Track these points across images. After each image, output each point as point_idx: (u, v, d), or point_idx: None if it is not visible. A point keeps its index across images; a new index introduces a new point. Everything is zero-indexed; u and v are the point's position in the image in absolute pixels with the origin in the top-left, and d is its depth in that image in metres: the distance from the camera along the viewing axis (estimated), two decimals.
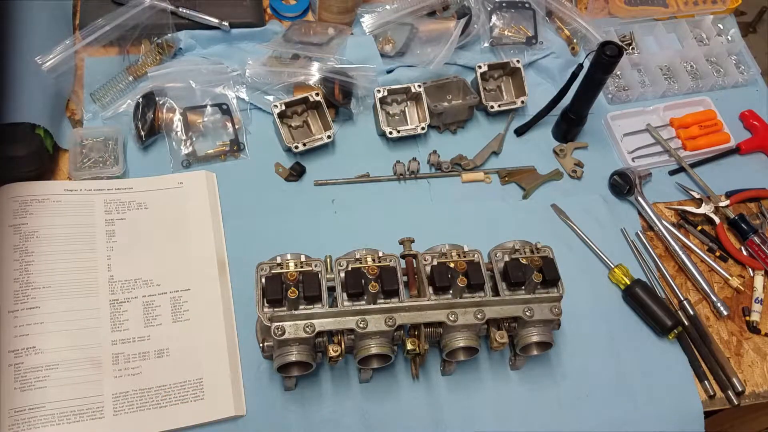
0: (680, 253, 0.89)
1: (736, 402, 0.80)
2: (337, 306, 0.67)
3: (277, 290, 0.67)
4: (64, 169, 0.86)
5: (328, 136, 0.90)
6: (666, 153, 1.00)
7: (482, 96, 0.97)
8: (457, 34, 0.99)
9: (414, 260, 0.73)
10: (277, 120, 0.88)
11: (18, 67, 0.84)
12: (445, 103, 0.96)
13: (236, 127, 0.91)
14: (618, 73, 1.07)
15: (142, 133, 0.87)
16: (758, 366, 0.84)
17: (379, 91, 0.93)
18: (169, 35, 0.96)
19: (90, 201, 0.82)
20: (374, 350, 0.68)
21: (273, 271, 0.69)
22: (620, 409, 0.78)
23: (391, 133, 0.92)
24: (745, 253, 0.92)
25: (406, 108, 0.97)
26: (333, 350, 0.67)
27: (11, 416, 0.67)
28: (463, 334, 0.70)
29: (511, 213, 0.91)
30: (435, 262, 0.72)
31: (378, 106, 0.93)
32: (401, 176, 0.92)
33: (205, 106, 0.91)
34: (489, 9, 1.06)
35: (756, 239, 0.91)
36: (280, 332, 0.65)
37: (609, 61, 0.84)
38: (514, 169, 0.95)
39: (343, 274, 0.69)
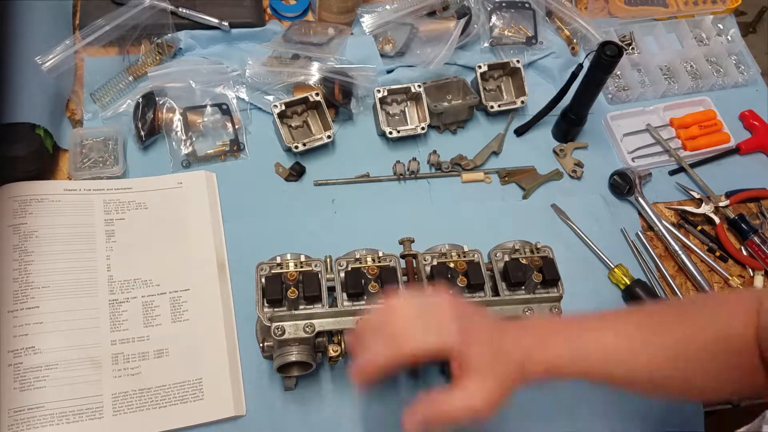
0: (680, 253, 0.89)
1: (736, 402, 0.80)
2: (337, 306, 0.67)
3: (277, 290, 0.67)
4: (64, 169, 0.86)
5: (328, 136, 0.90)
6: (666, 153, 1.00)
7: (482, 96, 0.97)
8: (457, 34, 0.99)
9: (414, 260, 0.73)
10: (277, 120, 0.88)
11: (18, 67, 0.84)
12: (445, 103, 0.96)
13: (236, 127, 0.91)
14: (618, 73, 1.07)
15: (142, 133, 0.87)
16: None
17: (379, 91, 0.93)
18: (169, 35, 0.96)
19: (89, 201, 0.82)
20: None
21: (273, 271, 0.69)
22: (620, 409, 0.78)
23: (391, 133, 0.92)
24: (745, 253, 0.92)
25: (406, 108, 0.97)
26: (333, 350, 0.67)
27: (10, 416, 0.67)
28: None
29: (511, 213, 0.91)
30: (435, 262, 0.72)
31: (378, 106, 0.93)
32: (401, 176, 0.92)
33: (205, 106, 0.91)
34: (489, 9, 1.06)
35: (756, 239, 0.91)
36: (280, 332, 0.65)
37: (609, 61, 0.84)
38: (514, 169, 0.95)
39: (343, 274, 0.69)
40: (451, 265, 0.71)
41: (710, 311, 0.59)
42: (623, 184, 0.94)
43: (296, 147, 0.88)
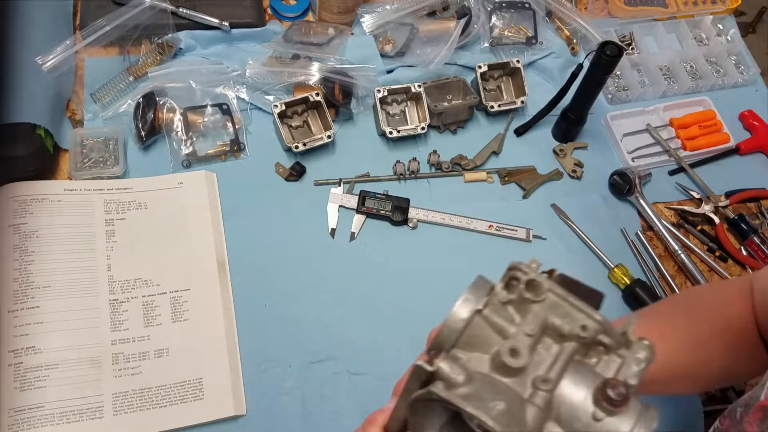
0: (680, 253, 0.89)
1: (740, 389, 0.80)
2: None
3: None
4: (65, 169, 0.86)
5: (328, 136, 0.90)
6: (666, 153, 1.00)
7: (482, 96, 0.97)
8: (457, 34, 0.99)
9: None
10: (278, 120, 0.88)
11: (18, 67, 0.84)
12: (445, 103, 0.96)
13: (236, 127, 0.91)
14: (618, 73, 1.08)
15: (143, 133, 0.87)
16: None
17: (379, 91, 0.93)
18: (170, 35, 0.96)
19: (90, 201, 0.82)
20: None
21: None
22: None
23: (391, 133, 0.92)
24: (744, 253, 0.92)
25: (406, 108, 0.97)
26: None
27: (11, 416, 0.67)
28: None
29: (511, 213, 0.91)
30: None
31: (378, 106, 0.93)
32: (401, 176, 0.92)
33: (206, 106, 0.91)
34: (489, 9, 1.06)
35: (756, 239, 0.91)
36: None
37: (609, 61, 0.84)
38: (514, 169, 0.95)
39: None
40: None
41: (710, 301, 0.63)
42: (623, 184, 0.94)
43: (296, 147, 0.88)
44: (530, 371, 0.42)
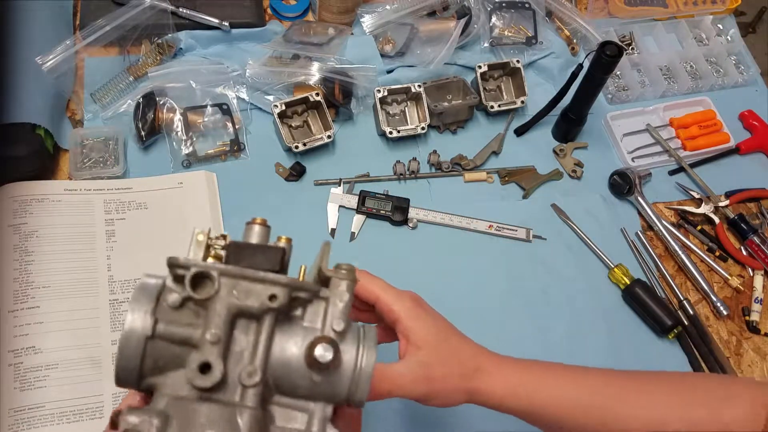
0: (680, 252, 0.89)
1: None
2: None
3: None
4: (65, 169, 0.86)
5: (328, 136, 0.90)
6: (666, 153, 1.00)
7: (482, 96, 0.97)
8: (457, 34, 0.99)
9: None
10: (278, 120, 0.88)
11: (18, 67, 0.84)
12: (445, 103, 0.96)
13: (236, 127, 0.91)
14: (618, 73, 1.08)
15: (143, 133, 0.87)
16: (758, 366, 0.84)
17: (379, 91, 0.93)
18: (170, 35, 0.96)
19: (90, 201, 0.82)
20: None
21: None
22: None
23: (391, 133, 0.92)
24: (744, 253, 0.92)
25: (406, 108, 0.97)
26: None
27: (11, 416, 0.67)
28: None
29: (511, 213, 0.91)
30: None
31: (378, 106, 0.93)
32: (401, 176, 0.92)
33: (206, 106, 0.91)
34: (489, 9, 1.06)
35: (755, 239, 0.91)
36: None
37: (609, 61, 0.84)
38: (514, 169, 0.96)
39: None
40: None
41: (704, 390, 0.53)
42: (623, 184, 0.94)
43: (296, 147, 0.88)
44: (232, 369, 0.38)
